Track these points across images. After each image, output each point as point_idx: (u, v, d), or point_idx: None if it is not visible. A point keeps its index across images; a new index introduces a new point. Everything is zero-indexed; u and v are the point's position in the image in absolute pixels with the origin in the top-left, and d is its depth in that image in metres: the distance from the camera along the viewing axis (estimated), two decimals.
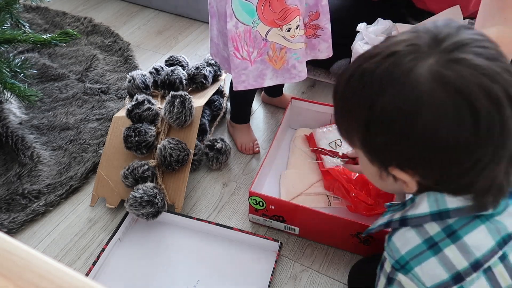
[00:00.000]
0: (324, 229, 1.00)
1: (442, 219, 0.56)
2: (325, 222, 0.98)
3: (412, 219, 0.58)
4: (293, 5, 0.98)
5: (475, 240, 0.55)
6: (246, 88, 1.06)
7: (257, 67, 1.04)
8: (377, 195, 1.04)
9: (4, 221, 1.07)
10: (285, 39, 1.03)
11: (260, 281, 0.96)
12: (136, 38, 1.78)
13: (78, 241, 1.06)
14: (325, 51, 1.15)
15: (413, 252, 0.56)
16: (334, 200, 1.10)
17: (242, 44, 1.00)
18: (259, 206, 1.02)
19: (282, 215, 1.01)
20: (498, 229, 0.55)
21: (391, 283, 0.59)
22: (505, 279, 0.55)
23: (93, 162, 1.22)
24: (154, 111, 1.17)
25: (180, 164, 1.10)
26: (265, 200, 1.00)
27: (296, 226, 1.02)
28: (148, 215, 1.01)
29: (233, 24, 0.98)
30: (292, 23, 1.00)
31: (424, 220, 0.57)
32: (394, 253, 0.58)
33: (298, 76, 1.08)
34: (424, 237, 0.56)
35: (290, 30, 1.01)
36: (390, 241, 0.60)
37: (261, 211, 1.03)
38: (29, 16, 1.85)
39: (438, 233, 0.56)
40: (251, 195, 1.01)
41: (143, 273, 0.98)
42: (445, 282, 0.55)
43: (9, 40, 1.18)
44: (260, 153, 1.27)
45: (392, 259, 0.58)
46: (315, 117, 1.25)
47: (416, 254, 0.56)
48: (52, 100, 1.44)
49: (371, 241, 0.96)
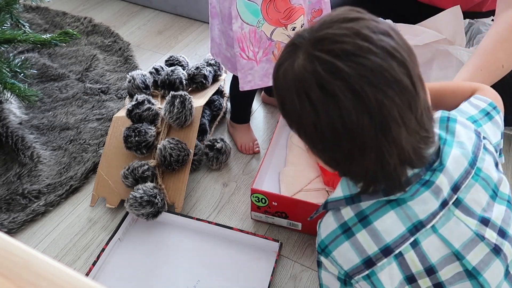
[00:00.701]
0: None
1: (354, 203, 0.58)
2: None
3: (330, 203, 0.61)
4: (297, 4, 0.98)
5: (385, 226, 0.56)
6: (252, 88, 1.07)
7: (263, 66, 1.05)
8: None
9: (4, 221, 1.07)
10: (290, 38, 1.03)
11: (260, 281, 0.96)
12: (136, 38, 1.78)
13: (78, 241, 1.06)
14: None
15: (331, 236, 0.59)
16: None
17: (247, 44, 1.00)
18: (261, 203, 1.02)
19: (285, 211, 1.02)
20: (409, 215, 0.55)
21: (319, 266, 0.63)
22: (416, 265, 0.56)
23: (93, 162, 1.22)
24: (154, 111, 1.17)
25: (180, 164, 1.10)
26: (267, 197, 1.00)
27: (299, 222, 1.03)
28: (148, 215, 1.01)
29: (239, 25, 0.98)
30: (297, 22, 1.01)
31: (339, 203, 0.59)
32: (318, 237, 0.61)
33: None
34: (340, 222, 0.59)
35: (295, 29, 1.01)
36: (319, 226, 0.63)
37: (264, 208, 1.03)
38: (29, 16, 1.85)
39: (352, 218, 0.58)
40: (253, 193, 1.01)
41: (143, 273, 0.98)
42: (358, 266, 0.57)
43: (9, 40, 1.18)
44: (260, 153, 1.27)
45: (317, 244, 0.61)
46: None
47: (333, 238, 0.59)
48: (52, 100, 1.44)
49: None
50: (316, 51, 0.51)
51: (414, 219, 0.55)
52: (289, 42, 0.57)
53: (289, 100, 0.54)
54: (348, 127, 0.49)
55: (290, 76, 0.53)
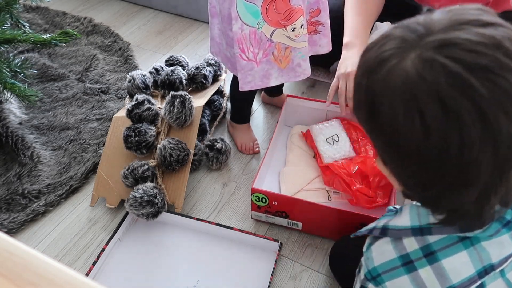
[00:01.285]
0: (327, 223, 1.01)
1: (423, 235, 0.53)
2: (329, 216, 0.99)
3: (392, 230, 0.55)
4: (297, 5, 0.99)
5: (454, 266, 0.51)
6: (252, 88, 1.07)
7: (262, 67, 1.05)
8: (377, 187, 1.06)
9: (4, 221, 1.07)
10: (290, 39, 1.03)
11: (260, 281, 0.96)
12: (136, 38, 1.78)
13: (78, 241, 1.06)
14: (325, 46, 1.16)
15: (387, 266, 0.54)
16: (334, 195, 1.10)
17: (247, 45, 1.01)
18: (261, 202, 1.02)
19: (285, 211, 1.02)
20: (481, 258, 0.51)
21: None
22: None
23: (93, 162, 1.22)
24: (154, 111, 1.17)
25: (180, 164, 1.10)
26: (267, 196, 1.00)
27: (299, 221, 1.03)
28: (148, 215, 1.01)
29: (239, 27, 0.98)
30: (296, 23, 1.01)
31: (404, 233, 0.54)
32: (369, 262, 0.56)
33: (303, 74, 1.10)
34: (400, 253, 0.54)
35: (294, 30, 1.02)
36: (368, 249, 0.57)
37: (264, 207, 1.03)
38: (29, 16, 1.85)
39: (416, 251, 0.53)
40: (253, 192, 1.01)
41: (143, 273, 0.98)
42: None
43: (9, 40, 1.17)
44: (260, 153, 1.27)
45: (366, 268, 0.57)
46: (311, 114, 1.26)
47: (389, 269, 0.54)
48: (52, 100, 1.44)
49: None
50: (440, 56, 0.42)
51: (486, 262, 0.51)
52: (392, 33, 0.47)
53: (388, 108, 0.45)
54: (465, 158, 0.42)
55: (397, 79, 0.44)
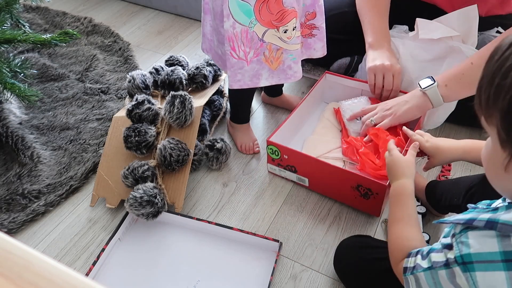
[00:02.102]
0: (329, 182, 1.07)
1: None
2: (330, 173, 1.04)
3: (503, 225, 0.52)
4: (290, 7, 0.99)
5: None
6: (241, 87, 1.07)
7: (253, 67, 1.05)
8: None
9: (4, 221, 1.07)
10: (282, 40, 1.03)
11: (260, 281, 0.96)
12: (136, 38, 1.78)
13: (78, 241, 1.06)
14: (320, 50, 1.16)
15: (484, 257, 0.53)
16: (349, 165, 1.15)
17: (238, 44, 1.01)
18: (275, 155, 1.10)
19: (294, 165, 1.08)
20: None
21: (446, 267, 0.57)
22: None
23: (93, 162, 1.22)
24: (154, 111, 1.17)
25: (180, 164, 1.10)
26: (279, 149, 1.08)
27: (306, 177, 1.09)
28: (148, 215, 1.01)
29: (230, 24, 0.98)
30: (288, 24, 1.01)
31: None
32: (463, 246, 0.55)
33: (293, 77, 1.10)
34: (504, 248, 0.52)
35: (286, 32, 1.02)
36: (464, 233, 0.56)
37: (277, 160, 1.12)
38: (29, 16, 1.85)
39: None
40: (268, 144, 1.10)
41: (143, 273, 0.98)
42: None
43: (9, 40, 1.17)
44: (260, 153, 1.27)
45: (458, 251, 0.55)
46: (347, 92, 1.30)
47: (485, 260, 0.52)
48: (52, 100, 1.44)
49: (370, 195, 1.01)
50: None
51: None
52: None
53: None
54: None
55: None
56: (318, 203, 1.12)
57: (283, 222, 1.08)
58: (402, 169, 0.82)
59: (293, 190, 1.16)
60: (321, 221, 1.08)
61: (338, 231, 1.06)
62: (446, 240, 0.60)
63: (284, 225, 1.08)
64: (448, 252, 0.58)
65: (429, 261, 0.61)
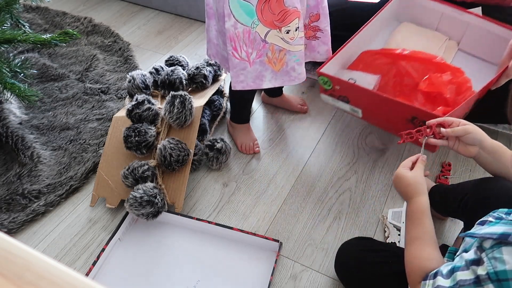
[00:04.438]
0: (383, 113, 1.04)
1: None
2: (385, 105, 1.01)
3: None
4: (292, 7, 0.98)
5: None
6: (244, 89, 1.06)
7: (256, 68, 1.04)
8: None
9: (4, 221, 1.07)
10: (284, 41, 1.03)
11: (260, 281, 0.96)
12: (136, 38, 1.78)
13: (78, 241, 1.06)
14: (324, 53, 1.15)
15: None
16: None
17: (240, 44, 1.00)
18: (327, 86, 1.09)
19: (347, 96, 1.07)
20: None
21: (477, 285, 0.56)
22: None
23: (93, 162, 1.22)
24: (154, 111, 1.17)
25: (180, 164, 1.10)
26: (331, 80, 1.06)
27: (359, 108, 1.07)
28: (148, 215, 1.01)
29: (232, 24, 0.98)
30: (291, 25, 1.00)
31: None
32: (497, 262, 0.53)
33: (297, 79, 1.09)
34: None
35: (289, 32, 1.01)
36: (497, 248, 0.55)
37: (329, 91, 1.11)
38: (29, 16, 1.85)
39: None
40: (319, 75, 1.08)
41: (143, 273, 0.98)
42: None
43: (9, 40, 1.17)
44: (260, 153, 1.27)
45: (492, 268, 0.54)
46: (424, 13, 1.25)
47: None
48: (52, 100, 1.44)
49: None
50: None
51: None
52: None
53: None
54: None
55: None
56: (318, 203, 1.12)
57: (283, 222, 1.08)
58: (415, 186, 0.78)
59: (294, 190, 1.16)
60: (321, 221, 1.08)
61: (338, 231, 1.06)
62: (470, 256, 0.58)
63: (284, 225, 1.08)
64: (477, 269, 0.56)
65: (453, 280, 0.59)
